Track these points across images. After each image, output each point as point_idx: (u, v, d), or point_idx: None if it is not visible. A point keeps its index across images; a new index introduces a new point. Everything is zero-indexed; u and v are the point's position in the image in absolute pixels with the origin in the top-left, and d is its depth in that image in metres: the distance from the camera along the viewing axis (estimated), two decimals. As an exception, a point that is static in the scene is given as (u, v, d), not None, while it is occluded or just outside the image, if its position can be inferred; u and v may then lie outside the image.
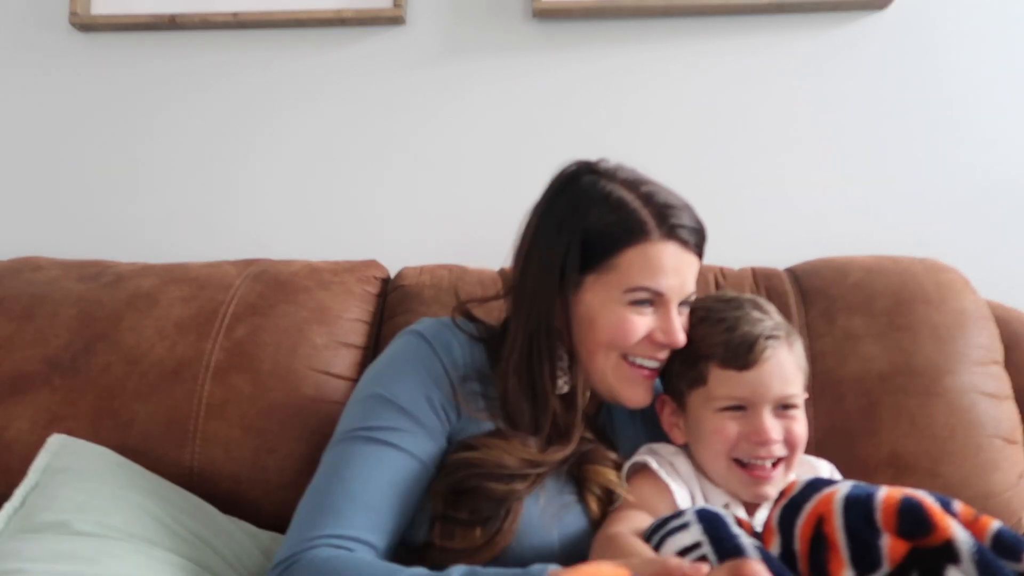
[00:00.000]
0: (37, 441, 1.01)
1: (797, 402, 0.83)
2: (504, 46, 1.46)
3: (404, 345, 0.88)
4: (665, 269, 0.82)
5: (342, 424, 0.84)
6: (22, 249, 1.40)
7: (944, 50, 1.39)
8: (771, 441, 0.81)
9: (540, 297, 0.84)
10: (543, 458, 0.80)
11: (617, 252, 0.82)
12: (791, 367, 0.83)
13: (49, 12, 1.54)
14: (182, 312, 1.15)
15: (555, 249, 0.84)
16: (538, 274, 0.85)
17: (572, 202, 0.85)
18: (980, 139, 1.37)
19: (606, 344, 0.84)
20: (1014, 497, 1.02)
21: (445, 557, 0.75)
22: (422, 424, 0.81)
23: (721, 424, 0.83)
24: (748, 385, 0.82)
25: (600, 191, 0.84)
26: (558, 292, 0.84)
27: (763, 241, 1.37)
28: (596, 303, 0.83)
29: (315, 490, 0.79)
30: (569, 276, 0.83)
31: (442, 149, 1.46)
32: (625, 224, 0.82)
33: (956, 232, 1.35)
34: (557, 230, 0.84)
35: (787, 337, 0.86)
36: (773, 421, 0.82)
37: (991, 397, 1.05)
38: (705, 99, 1.42)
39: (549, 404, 0.83)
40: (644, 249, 0.82)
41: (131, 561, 0.81)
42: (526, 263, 0.87)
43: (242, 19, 1.47)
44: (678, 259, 0.83)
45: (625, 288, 0.82)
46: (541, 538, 0.78)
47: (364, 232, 1.45)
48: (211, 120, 1.50)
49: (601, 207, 0.83)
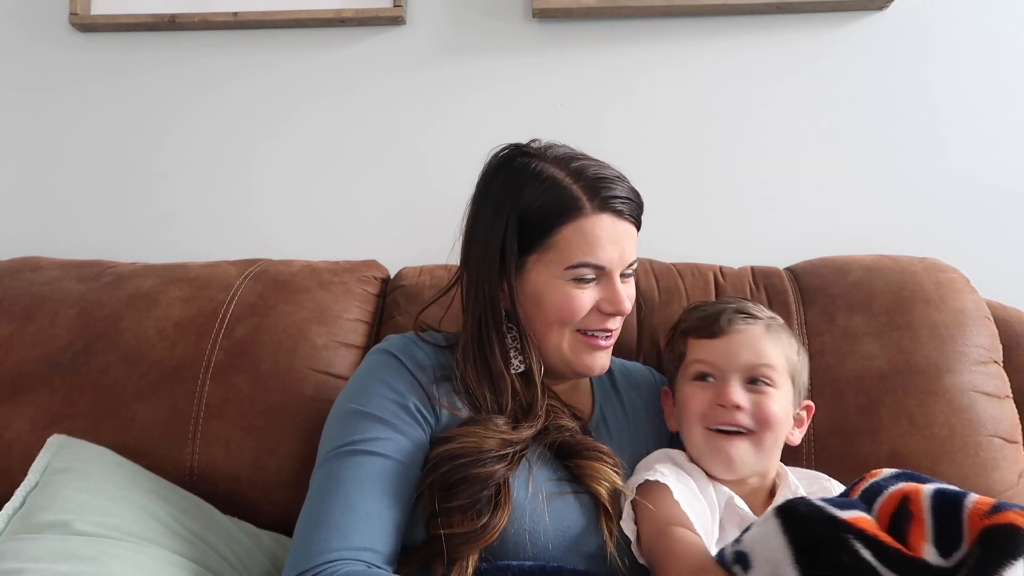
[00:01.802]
0: (37, 441, 1.01)
1: (771, 378, 0.85)
2: (504, 46, 1.46)
3: (372, 362, 0.91)
4: (603, 242, 0.84)
5: (324, 444, 0.85)
6: (22, 249, 1.40)
7: (944, 50, 1.39)
8: (734, 404, 0.83)
9: (484, 281, 0.86)
10: (516, 436, 0.82)
11: (553, 230, 0.84)
12: (765, 344, 0.86)
13: (49, 12, 1.54)
14: (182, 312, 1.15)
15: (494, 232, 0.86)
16: (481, 259, 0.87)
17: (506, 185, 0.87)
18: (980, 139, 1.37)
19: (556, 321, 0.86)
20: (1014, 497, 1.02)
21: (450, 545, 0.76)
22: (401, 431, 0.83)
23: (693, 392, 0.87)
24: (717, 352, 0.86)
25: (532, 171, 0.86)
26: (501, 275, 0.86)
27: (763, 240, 1.38)
28: (540, 282, 0.86)
29: (312, 508, 0.79)
30: (510, 258, 0.85)
31: (442, 149, 1.46)
32: (558, 202, 0.84)
33: (956, 232, 1.35)
34: (494, 214, 0.86)
35: (770, 323, 0.89)
36: (740, 390, 0.84)
37: (991, 396, 1.05)
38: (705, 99, 1.42)
39: (506, 384, 0.85)
40: (580, 225, 0.84)
41: (131, 561, 0.81)
42: (468, 250, 0.91)
43: (242, 19, 1.47)
44: (614, 229, 0.85)
45: (566, 265, 0.84)
46: (533, 521, 0.79)
47: (364, 232, 1.46)
48: (210, 120, 1.51)
49: (534, 187, 0.85)
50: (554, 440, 0.85)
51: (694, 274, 1.19)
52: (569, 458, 0.85)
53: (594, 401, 0.98)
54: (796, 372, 0.89)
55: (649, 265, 1.21)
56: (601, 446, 0.86)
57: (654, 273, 1.20)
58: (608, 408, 0.97)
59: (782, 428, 0.86)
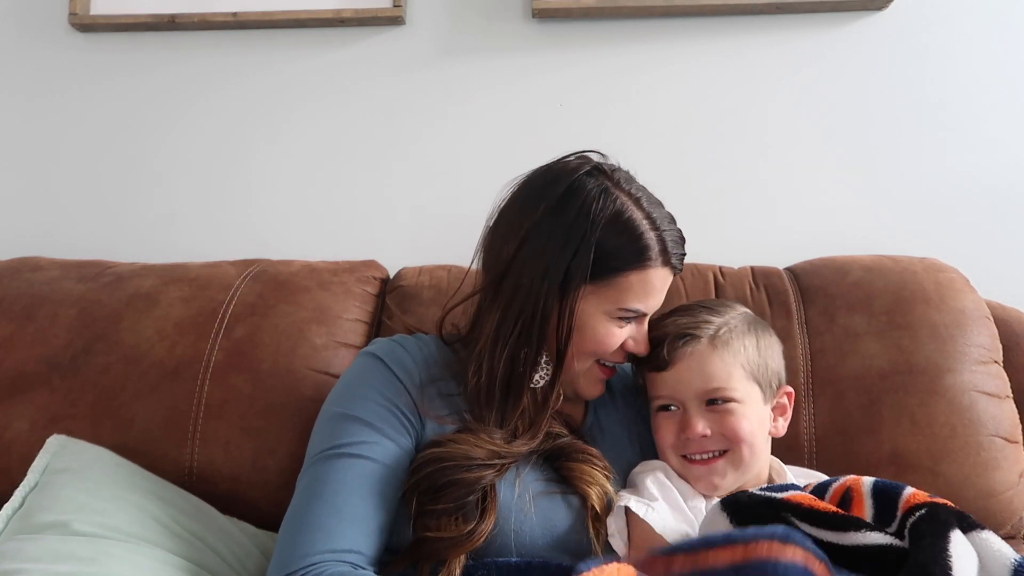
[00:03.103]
0: (37, 441, 1.01)
1: (731, 395, 0.85)
2: (504, 47, 1.46)
3: (358, 366, 0.92)
4: (656, 292, 0.87)
5: (311, 447, 0.86)
6: (22, 249, 1.40)
7: (943, 50, 1.39)
8: (697, 434, 0.83)
9: (539, 296, 0.84)
10: (508, 449, 0.82)
11: (621, 272, 0.84)
12: (712, 365, 0.85)
13: (49, 12, 1.54)
14: (182, 312, 1.15)
15: (565, 253, 0.83)
16: (540, 273, 0.84)
17: (583, 209, 0.84)
18: (980, 139, 1.37)
19: (590, 353, 0.88)
20: (1015, 496, 1.02)
21: (436, 548, 0.77)
22: (387, 434, 0.83)
23: (660, 424, 0.88)
24: (667, 384, 0.87)
25: (613, 204, 0.84)
26: (561, 296, 0.84)
27: (762, 240, 1.38)
28: (588, 313, 0.85)
29: (297, 510, 0.80)
30: (574, 284, 0.84)
31: (442, 149, 1.46)
32: (634, 247, 0.84)
33: (956, 232, 1.35)
34: (567, 234, 0.83)
35: (715, 335, 0.86)
36: (700, 417, 0.84)
37: (991, 396, 1.05)
38: (705, 99, 1.42)
39: (523, 398, 0.86)
40: (645, 275, 0.85)
41: (131, 561, 0.81)
42: (519, 256, 0.85)
43: (242, 19, 1.47)
44: (666, 282, 0.88)
45: (620, 306, 0.85)
46: (519, 520, 0.79)
47: (364, 232, 1.45)
48: (210, 120, 1.50)
49: (615, 224, 0.84)
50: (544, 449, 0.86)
51: (694, 274, 1.19)
52: (558, 460, 0.85)
53: (587, 404, 0.98)
54: (759, 372, 0.87)
55: (649, 265, 1.21)
56: (590, 449, 0.87)
57: (654, 273, 1.19)
58: (603, 411, 0.97)
59: (757, 436, 0.85)
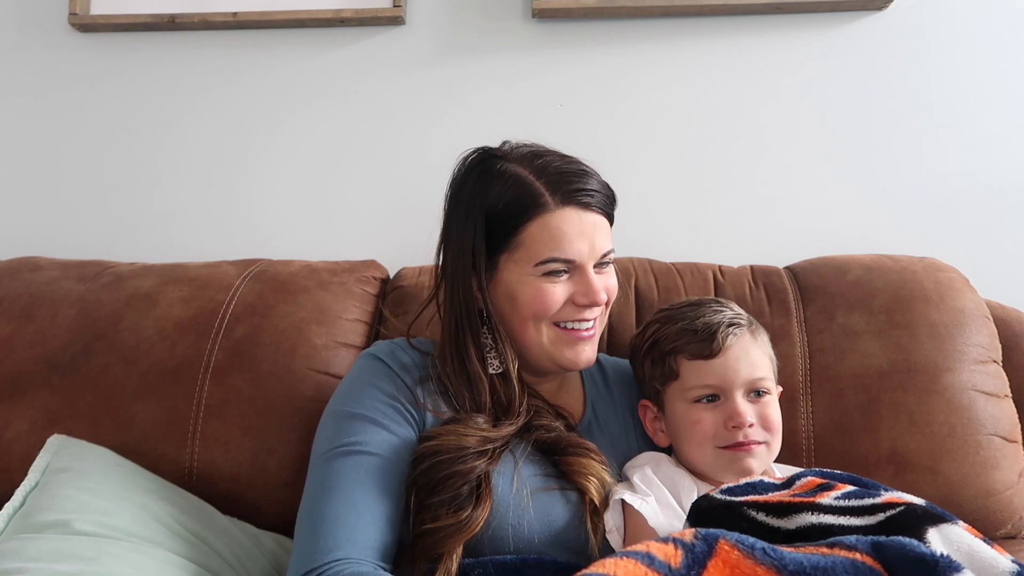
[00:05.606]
0: (37, 441, 1.01)
1: (768, 387, 0.87)
2: (504, 46, 1.46)
3: (360, 366, 0.93)
4: (569, 236, 0.85)
5: (318, 446, 0.86)
6: (22, 249, 1.40)
7: (943, 50, 1.39)
8: (747, 424, 0.84)
9: (459, 284, 0.88)
10: (496, 433, 0.83)
11: (519, 228, 0.85)
12: (757, 353, 0.87)
13: (49, 12, 1.54)
14: (182, 312, 1.15)
15: (466, 235, 0.87)
16: (455, 262, 0.89)
17: (474, 187, 0.88)
18: (980, 139, 1.37)
19: (531, 317, 0.87)
20: (1015, 495, 1.02)
21: (434, 538, 0.78)
22: (392, 430, 0.84)
23: (698, 416, 0.86)
24: (718, 372, 0.86)
25: (497, 171, 0.87)
26: (474, 276, 0.87)
27: (762, 239, 1.38)
28: (512, 280, 0.87)
29: (313, 507, 0.80)
30: (480, 259, 0.87)
31: (441, 149, 1.44)
32: (521, 199, 0.85)
33: (956, 232, 1.35)
34: (465, 217, 0.88)
35: (749, 326, 0.89)
36: (747, 405, 0.85)
37: (990, 396, 1.05)
38: (705, 99, 1.42)
39: (483, 384, 0.87)
40: (544, 221, 0.85)
41: (131, 561, 0.81)
42: (444, 253, 0.92)
43: (242, 19, 1.47)
44: (581, 223, 0.86)
45: (535, 262, 0.85)
46: (517, 516, 0.80)
47: (364, 232, 1.45)
48: (210, 120, 1.50)
49: (498, 187, 0.86)
50: (539, 438, 0.86)
51: (693, 273, 1.19)
52: (556, 455, 0.85)
53: (586, 398, 0.98)
54: (775, 366, 0.91)
55: (648, 264, 1.22)
56: (588, 443, 0.87)
57: (653, 272, 1.20)
58: (600, 405, 0.98)
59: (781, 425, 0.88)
